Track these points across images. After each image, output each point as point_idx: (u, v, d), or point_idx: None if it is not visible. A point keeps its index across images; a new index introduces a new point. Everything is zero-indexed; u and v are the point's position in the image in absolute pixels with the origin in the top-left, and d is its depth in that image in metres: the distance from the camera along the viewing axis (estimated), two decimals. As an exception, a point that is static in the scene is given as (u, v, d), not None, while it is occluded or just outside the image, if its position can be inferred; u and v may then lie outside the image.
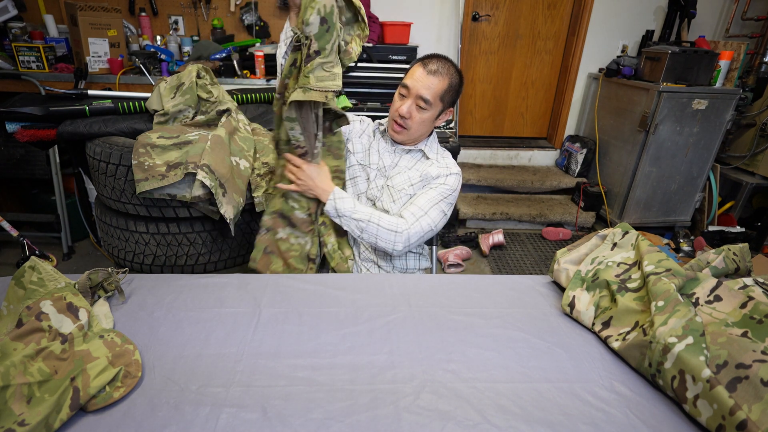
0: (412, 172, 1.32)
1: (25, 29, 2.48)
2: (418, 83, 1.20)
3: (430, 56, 1.24)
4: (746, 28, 3.33)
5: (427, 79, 1.20)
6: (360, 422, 0.69)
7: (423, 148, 1.33)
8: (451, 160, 1.37)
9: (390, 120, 1.29)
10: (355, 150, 1.39)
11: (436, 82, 1.20)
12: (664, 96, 2.75)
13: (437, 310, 0.98)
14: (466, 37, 3.30)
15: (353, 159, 1.38)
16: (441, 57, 1.24)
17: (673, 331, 0.76)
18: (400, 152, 1.35)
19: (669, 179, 3.03)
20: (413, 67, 1.24)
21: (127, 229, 1.47)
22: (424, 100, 1.20)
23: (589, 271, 1.02)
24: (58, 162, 2.37)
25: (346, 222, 1.25)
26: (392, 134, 1.29)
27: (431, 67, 1.20)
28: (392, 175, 1.33)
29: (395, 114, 1.25)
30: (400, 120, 1.24)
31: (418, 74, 1.21)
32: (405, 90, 1.23)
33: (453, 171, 1.32)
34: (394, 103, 1.26)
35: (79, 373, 0.70)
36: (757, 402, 0.64)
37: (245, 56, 2.67)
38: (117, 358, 0.76)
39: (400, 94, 1.25)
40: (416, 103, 1.22)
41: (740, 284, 0.94)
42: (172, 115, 1.51)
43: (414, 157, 1.35)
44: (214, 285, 1.03)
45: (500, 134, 3.82)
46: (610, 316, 0.92)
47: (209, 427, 0.67)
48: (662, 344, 0.76)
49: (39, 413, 0.63)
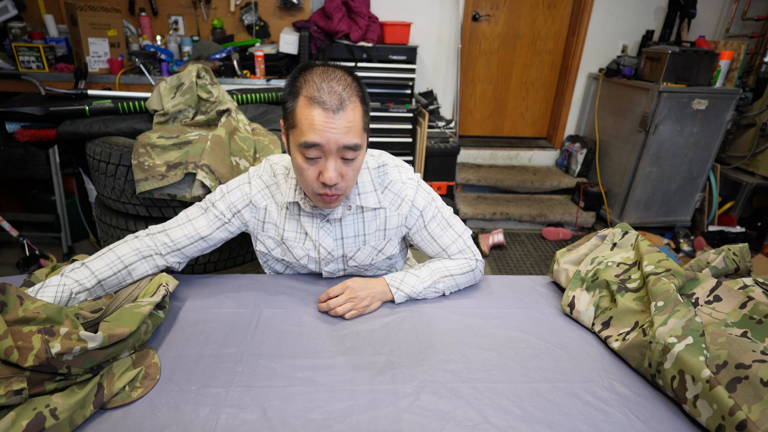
0: (368, 236, 1.02)
1: (25, 29, 2.48)
2: (331, 133, 0.80)
3: (312, 76, 0.81)
4: (746, 28, 3.33)
5: (337, 120, 0.80)
6: (360, 422, 0.69)
7: (357, 202, 0.98)
8: (396, 181, 1.00)
9: (310, 194, 0.90)
10: (286, 237, 1.00)
11: (350, 117, 0.81)
12: (664, 96, 2.75)
13: (437, 310, 0.98)
14: (466, 37, 3.30)
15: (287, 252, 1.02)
16: (327, 70, 0.82)
17: (672, 332, 0.76)
18: (334, 222, 1.00)
19: (669, 179, 3.03)
20: (300, 109, 0.81)
21: (127, 229, 1.47)
22: (350, 148, 0.82)
23: (589, 271, 1.02)
24: (58, 162, 2.37)
25: (423, 297, 1.02)
26: (324, 206, 0.92)
27: (332, 101, 0.79)
28: (350, 255, 1.03)
29: (317, 186, 0.86)
30: (329, 191, 0.86)
31: (320, 122, 0.79)
32: (315, 151, 0.82)
33: (409, 194, 1.00)
34: (303, 173, 0.85)
35: (106, 372, 0.72)
36: (757, 402, 0.64)
37: (245, 56, 2.67)
38: (139, 359, 0.77)
39: (307, 158, 0.83)
40: (340, 157, 0.84)
41: (740, 284, 0.95)
42: (172, 115, 1.51)
43: (354, 217, 1.00)
44: (214, 285, 1.03)
45: (500, 134, 3.82)
46: (609, 316, 0.92)
47: (209, 427, 0.67)
48: (662, 344, 0.76)
49: (69, 407, 0.64)
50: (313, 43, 2.74)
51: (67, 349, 0.64)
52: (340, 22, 2.72)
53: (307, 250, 1.01)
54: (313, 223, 0.99)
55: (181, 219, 0.99)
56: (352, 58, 2.77)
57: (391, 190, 1.00)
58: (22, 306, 0.65)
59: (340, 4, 2.73)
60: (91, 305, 0.83)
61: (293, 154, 0.86)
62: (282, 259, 1.06)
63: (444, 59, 3.33)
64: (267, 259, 1.10)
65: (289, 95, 0.84)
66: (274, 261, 1.08)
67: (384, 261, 1.09)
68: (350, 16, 2.79)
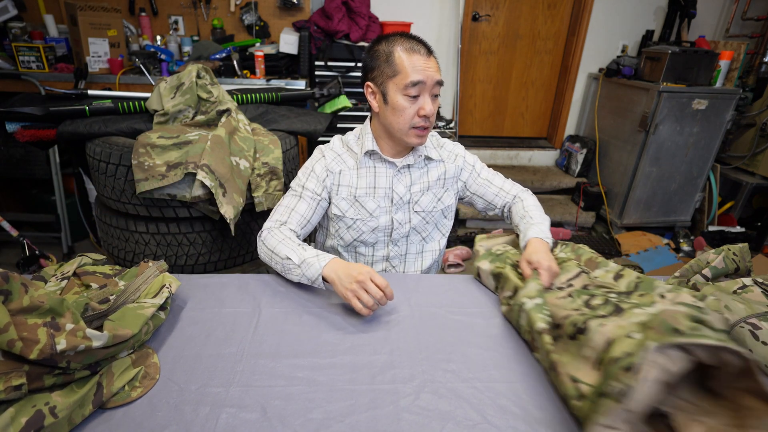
0: (431, 183, 1.21)
1: (25, 29, 2.47)
2: (429, 71, 1.03)
3: (403, 38, 1.06)
4: (746, 28, 3.33)
5: (430, 62, 1.04)
6: (360, 422, 0.69)
7: (425, 153, 1.18)
8: (447, 142, 1.26)
9: (406, 133, 1.08)
10: (358, 194, 1.16)
11: (435, 61, 1.06)
12: (664, 96, 2.75)
13: (437, 310, 0.98)
14: (466, 37, 3.30)
15: (360, 209, 1.17)
16: (407, 35, 1.07)
17: (527, 293, 0.90)
18: (404, 171, 1.18)
19: (669, 179, 3.03)
20: (401, 59, 1.03)
21: (127, 229, 1.47)
22: (440, 83, 1.06)
23: (499, 251, 1.13)
24: (58, 162, 2.37)
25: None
26: (416, 141, 1.09)
27: (423, 49, 1.04)
28: (415, 200, 1.19)
29: (417, 120, 1.06)
30: (425, 123, 1.06)
31: (421, 64, 1.02)
32: (415, 89, 1.03)
33: (460, 152, 1.25)
34: (404, 111, 1.05)
35: (105, 371, 0.72)
36: (565, 353, 0.75)
37: (245, 56, 2.67)
38: (139, 358, 0.77)
39: (409, 96, 1.04)
40: (432, 94, 1.06)
41: (740, 284, 0.95)
42: (172, 115, 1.51)
43: (420, 167, 1.20)
44: (214, 285, 1.03)
45: (500, 134, 3.82)
46: (503, 284, 1.02)
47: (209, 427, 0.67)
48: (519, 304, 0.89)
49: (68, 406, 0.64)
50: (313, 43, 2.74)
51: (72, 346, 0.64)
52: (340, 22, 2.72)
53: (378, 201, 1.17)
54: (387, 173, 1.16)
55: (283, 210, 1.13)
56: (352, 58, 2.77)
57: (445, 148, 1.24)
58: (27, 294, 0.65)
59: (340, 4, 2.73)
60: (99, 294, 0.84)
61: (394, 99, 1.05)
62: (354, 221, 1.18)
63: (444, 59, 3.33)
64: (338, 228, 1.20)
65: (376, 58, 1.06)
66: (345, 229, 1.20)
67: (440, 214, 1.25)
68: (350, 16, 2.79)
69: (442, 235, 1.29)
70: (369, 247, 1.23)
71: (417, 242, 1.25)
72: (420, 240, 1.25)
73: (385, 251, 1.24)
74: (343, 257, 1.26)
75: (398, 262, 1.26)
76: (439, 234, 1.29)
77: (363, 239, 1.20)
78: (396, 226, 1.20)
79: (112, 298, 0.82)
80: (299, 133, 1.76)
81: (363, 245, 1.22)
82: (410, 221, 1.21)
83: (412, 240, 1.24)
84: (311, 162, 1.17)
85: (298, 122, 1.77)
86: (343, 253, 1.25)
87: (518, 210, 1.21)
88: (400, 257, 1.26)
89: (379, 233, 1.20)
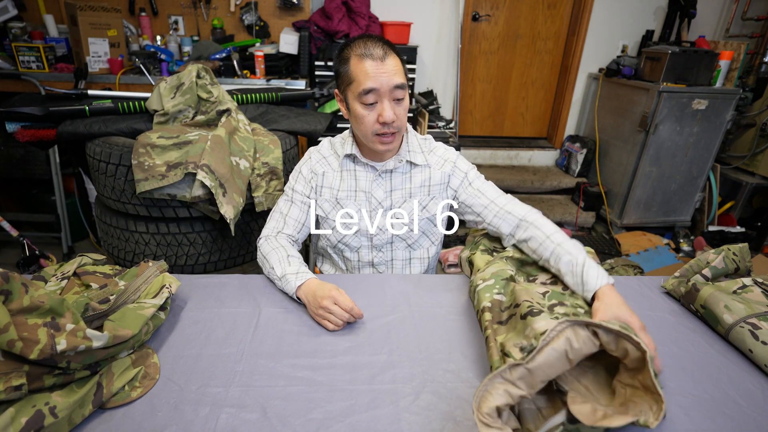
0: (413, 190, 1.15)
1: (25, 29, 2.48)
2: (383, 77, 0.98)
3: (356, 42, 1.01)
4: (746, 28, 3.33)
5: (384, 66, 0.98)
6: (360, 422, 0.69)
7: (407, 158, 1.13)
8: (439, 147, 1.19)
9: (370, 140, 1.06)
10: (340, 197, 1.15)
11: (394, 62, 1.00)
12: (664, 96, 2.75)
13: (437, 310, 0.98)
14: (466, 37, 3.30)
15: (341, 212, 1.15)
16: (364, 36, 1.03)
17: (483, 276, 0.93)
18: (385, 176, 1.14)
19: (669, 179, 3.03)
20: (353, 66, 1.00)
21: (127, 229, 1.47)
22: (399, 86, 1.00)
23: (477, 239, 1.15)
24: (58, 162, 2.37)
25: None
26: (381, 148, 1.06)
27: (378, 52, 0.98)
28: (397, 206, 1.15)
29: (377, 128, 1.02)
30: (387, 129, 1.02)
31: (372, 70, 0.98)
32: (370, 96, 1.00)
33: (451, 157, 1.16)
34: (363, 119, 1.02)
35: (105, 371, 0.72)
36: (512, 331, 0.77)
37: (245, 56, 2.67)
38: (139, 358, 0.78)
39: (365, 104, 1.01)
40: (393, 98, 1.01)
41: (739, 284, 0.95)
42: (172, 115, 1.51)
43: (403, 172, 1.15)
44: (214, 285, 1.03)
45: (500, 134, 3.82)
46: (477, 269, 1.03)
47: (209, 427, 0.67)
48: (474, 286, 0.93)
49: (68, 406, 0.64)
50: (313, 43, 2.74)
51: (72, 346, 0.64)
52: (340, 22, 2.72)
53: (359, 204, 1.15)
54: (366, 177, 1.14)
55: (278, 216, 1.15)
56: (352, 58, 2.77)
57: (435, 153, 1.17)
58: (27, 294, 0.65)
59: (340, 4, 2.73)
60: (99, 294, 0.84)
61: (353, 107, 1.03)
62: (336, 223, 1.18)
63: (444, 59, 3.33)
64: (324, 228, 1.21)
65: (340, 64, 1.04)
66: (329, 230, 1.20)
67: (426, 222, 1.18)
68: (350, 16, 2.79)
69: (431, 243, 1.23)
70: (354, 252, 1.20)
71: (402, 249, 1.20)
72: (406, 247, 1.20)
73: (370, 257, 1.20)
74: (333, 258, 1.25)
75: (385, 268, 1.22)
76: (428, 242, 1.22)
77: (346, 242, 1.19)
78: (376, 232, 1.16)
79: (112, 298, 0.82)
80: (299, 133, 1.76)
81: (348, 249, 1.20)
82: (391, 228, 1.16)
83: (397, 246, 1.19)
84: (300, 164, 1.18)
85: (298, 122, 1.77)
86: (332, 254, 1.24)
87: (540, 239, 1.03)
88: (386, 263, 1.22)
89: (361, 237, 1.18)
